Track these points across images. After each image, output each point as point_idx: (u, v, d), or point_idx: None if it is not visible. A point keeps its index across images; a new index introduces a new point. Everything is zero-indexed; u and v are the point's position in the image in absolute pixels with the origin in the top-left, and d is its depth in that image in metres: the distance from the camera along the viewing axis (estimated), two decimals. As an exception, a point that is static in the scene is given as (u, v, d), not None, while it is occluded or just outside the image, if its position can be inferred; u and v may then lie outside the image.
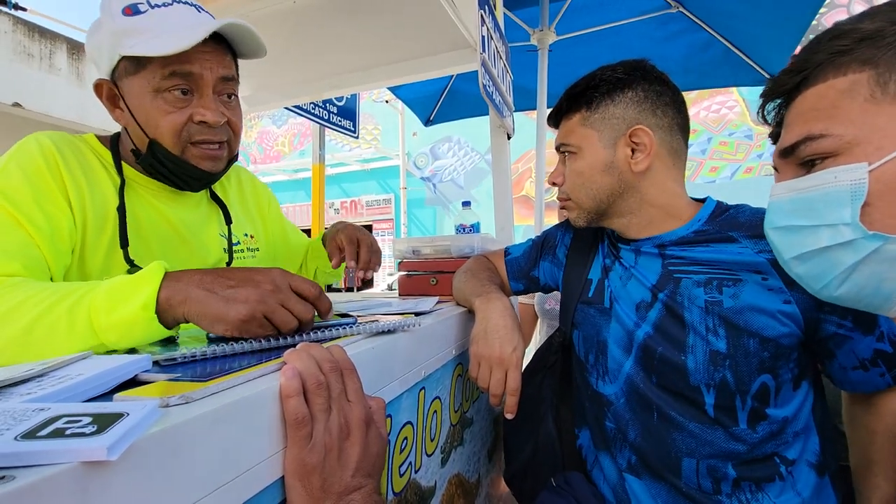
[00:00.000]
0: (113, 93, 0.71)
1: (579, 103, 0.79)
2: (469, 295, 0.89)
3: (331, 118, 2.42)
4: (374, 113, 8.36)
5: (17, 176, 0.62)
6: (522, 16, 2.52)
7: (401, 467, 0.64)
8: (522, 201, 7.10)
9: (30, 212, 0.60)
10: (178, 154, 0.70)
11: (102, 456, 0.25)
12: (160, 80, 0.67)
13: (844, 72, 0.44)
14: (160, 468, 0.29)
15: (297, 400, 0.40)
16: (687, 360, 0.71)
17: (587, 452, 0.86)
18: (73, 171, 0.67)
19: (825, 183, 0.44)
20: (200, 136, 0.70)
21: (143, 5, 0.67)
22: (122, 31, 0.66)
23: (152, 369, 0.43)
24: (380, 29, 1.51)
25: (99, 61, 0.71)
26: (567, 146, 0.81)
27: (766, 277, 0.68)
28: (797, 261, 0.47)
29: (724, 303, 0.70)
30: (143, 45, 0.65)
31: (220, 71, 0.71)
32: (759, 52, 2.59)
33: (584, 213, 0.82)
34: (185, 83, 0.68)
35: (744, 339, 0.68)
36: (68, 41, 4.13)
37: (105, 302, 0.49)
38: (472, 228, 1.36)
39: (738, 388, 0.69)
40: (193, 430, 0.32)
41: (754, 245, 0.70)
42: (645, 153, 0.75)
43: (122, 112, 0.71)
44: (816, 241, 0.45)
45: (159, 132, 0.69)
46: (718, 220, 0.75)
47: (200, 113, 0.69)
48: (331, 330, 0.58)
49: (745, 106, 6.03)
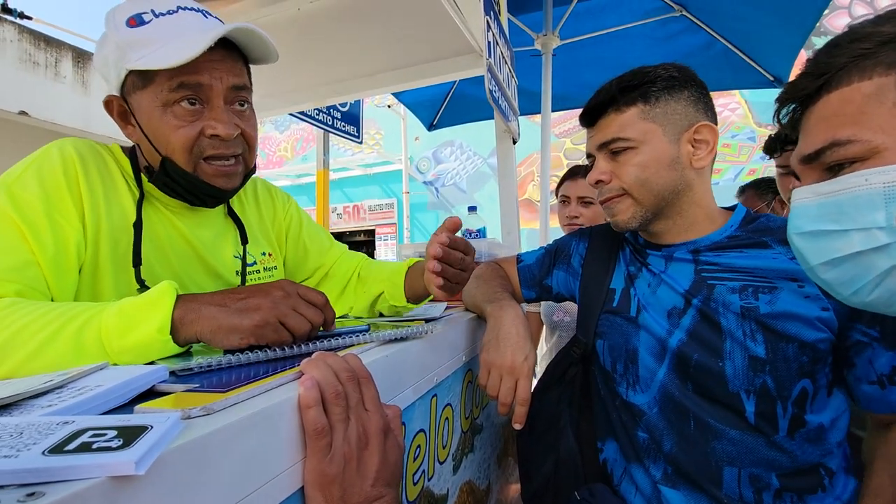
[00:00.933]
0: (123, 109, 0.68)
1: (634, 98, 0.76)
2: (481, 301, 0.89)
3: (335, 124, 2.43)
4: (376, 118, 8.38)
5: (33, 186, 0.60)
6: (526, 21, 2.53)
7: (414, 475, 0.64)
8: (525, 205, 7.10)
9: (38, 226, 0.59)
10: (190, 171, 0.67)
11: (131, 470, 0.24)
12: (168, 93, 0.64)
13: (870, 75, 0.43)
14: (184, 481, 0.29)
15: (317, 410, 0.40)
16: (725, 366, 0.70)
17: (614, 465, 0.83)
18: (92, 183, 0.65)
19: (855, 186, 0.43)
20: (213, 150, 0.67)
21: (147, 15, 0.64)
22: (127, 43, 0.63)
23: (169, 379, 0.43)
24: (385, 35, 1.51)
25: (107, 76, 0.68)
26: (625, 140, 0.76)
27: (802, 285, 0.68)
28: (826, 266, 0.46)
29: (761, 308, 0.69)
30: (148, 58, 0.62)
31: (231, 79, 0.67)
32: (762, 54, 2.59)
33: (641, 212, 0.77)
34: (194, 94, 0.65)
35: (782, 345, 0.67)
36: (73, 49, 4.17)
37: (117, 325, 0.49)
38: (479, 233, 1.36)
39: (780, 393, 0.68)
40: (215, 442, 0.32)
41: (787, 251, 0.70)
42: (707, 150, 0.76)
43: (133, 128, 0.69)
44: (847, 245, 0.43)
45: (170, 148, 0.66)
46: (750, 227, 0.76)
47: (212, 126, 0.66)
48: (344, 338, 0.58)
49: (747, 108, 6.03)
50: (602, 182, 0.79)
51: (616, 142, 0.77)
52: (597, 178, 0.79)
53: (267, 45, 0.71)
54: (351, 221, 8.77)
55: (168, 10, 0.65)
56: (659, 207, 0.77)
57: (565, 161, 7.16)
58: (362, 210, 8.70)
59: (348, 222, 8.77)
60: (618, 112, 0.77)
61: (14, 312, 0.50)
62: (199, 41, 0.61)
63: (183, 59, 0.60)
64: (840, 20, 5.61)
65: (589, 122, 0.82)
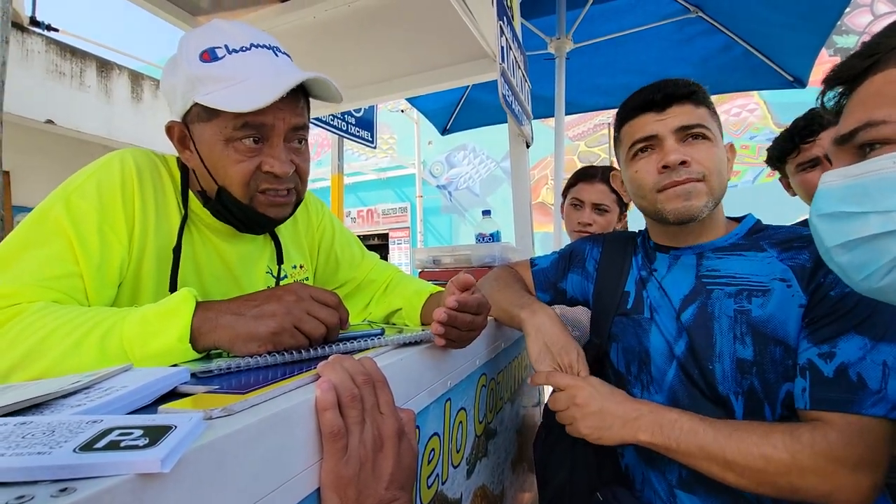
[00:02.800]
0: (184, 135, 0.70)
1: (704, 100, 0.80)
2: (509, 306, 0.89)
3: (349, 129, 2.46)
4: (389, 122, 8.45)
5: (92, 198, 0.62)
6: (539, 25, 2.53)
7: (428, 479, 0.64)
8: (539, 208, 7.07)
9: (88, 239, 0.60)
10: (245, 202, 0.69)
11: (157, 468, 0.25)
12: (232, 131, 0.65)
13: None
14: (206, 480, 0.30)
15: (333, 413, 0.40)
16: (715, 368, 0.72)
17: (634, 471, 0.83)
18: (146, 200, 0.67)
19: (882, 168, 0.41)
20: (268, 185, 0.69)
21: (220, 50, 0.65)
22: (198, 77, 0.64)
23: (190, 381, 0.44)
24: (398, 41, 1.53)
25: (172, 102, 0.70)
26: (709, 130, 0.78)
27: (790, 284, 0.70)
28: (841, 249, 0.45)
29: (753, 311, 0.71)
30: (218, 96, 0.63)
31: (293, 120, 0.69)
32: (781, 54, 2.55)
33: (711, 201, 0.77)
34: (258, 133, 0.66)
35: (770, 347, 0.69)
36: (97, 60, 4.30)
37: (139, 334, 0.51)
38: (492, 237, 1.36)
39: (766, 395, 0.69)
40: (235, 442, 0.33)
41: (779, 252, 0.73)
42: (729, 166, 0.82)
43: (191, 154, 0.70)
44: (865, 228, 0.42)
45: (228, 180, 0.68)
46: (754, 237, 0.78)
47: (269, 164, 0.67)
48: (359, 341, 0.59)
49: (766, 109, 5.92)
50: (685, 164, 0.75)
51: (701, 127, 0.77)
52: (681, 159, 0.75)
53: (333, 91, 0.72)
54: (365, 225, 8.84)
55: (241, 48, 0.66)
56: (717, 202, 0.79)
57: (579, 164, 7.12)
58: (376, 214, 8.77)
59: (362, 226, 8.84)
60: (695, 105, 0.78)
61: (44, 317, 0.53)
62: (270, 89, 0.62)
63: (253, 107, 0.62)
64: (862, 18, 5.49)
65: (662, 105, 0.78)
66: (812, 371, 0.64)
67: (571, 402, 0.73)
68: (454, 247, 1.25)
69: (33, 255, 0.58)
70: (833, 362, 0.62)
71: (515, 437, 1.12)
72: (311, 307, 0.56)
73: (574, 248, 1.02)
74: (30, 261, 0.57)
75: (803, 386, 0.64)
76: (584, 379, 0.75)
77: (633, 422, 0.69)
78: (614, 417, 0.70)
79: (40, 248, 0.58)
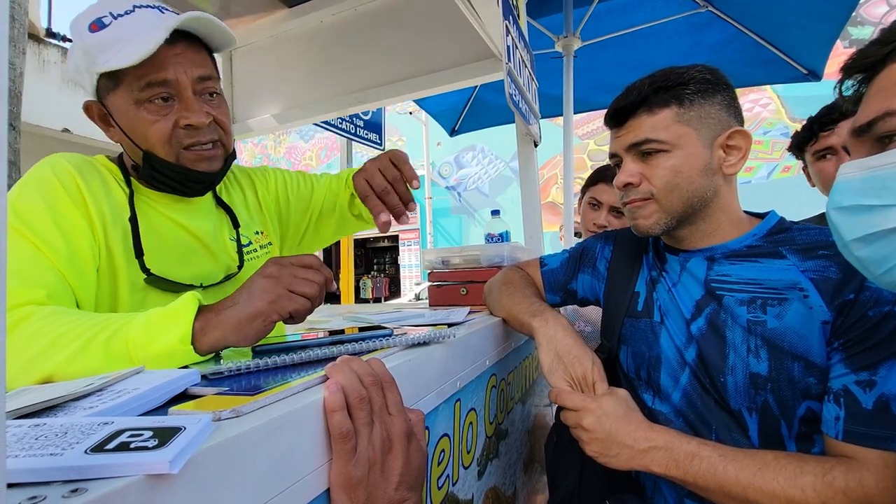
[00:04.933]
0: (102, 112, 0.71)
1: (668, 100, 0.73)
2: (520, 314, 0.86)
3: (357, 132, 2.47)
4: (398, 124, 8.48)
5: (35, 199, 0.63)
6: (546, 23, 2.52)
7: (439, 480, 0.64)
8: (548, 207, 7.05)
9: (48, 235, 0.61)
10: (173, 161, 0.70)
11: (165, 469, 0.26)
12: (138, 92, 0.67)
13: None
14: (215, 480, 0.30)
15: (342, 414, 0.41)
16: (727, 381, 0.68)
17: (646, 478, 0.81)
18: (91, 187, 0.68)
19: None
20: (190, 139, 0.70)
21: (106, 18, 0.66)
22: (93, 46, 0.66)
23: (201, 383, 0.44)
24: (405, 43, 1.54)
25: (83, 83, 0.71)
26: (658, 142, 0.73)
27: (807, 295, 0.65)
28: (860, 242, 0.44)
29: (768, 323, 0.66)
30: (112, 59, 0.64)
31: (196, 71, 0.70)
32: (794, 47, 2.50)
33: (666, 218, 0.75)
34: (164, 90, 0.68)
35: (787, 363, 0.64)
36: (111, 68, 4.39)
37: (143, 336, 0.51)
38: (501, 237, 1.35)
39: (783, 412, 0.65)
40: (244, 444, 0.33)
41: (800, 261, 0.67)
42: (739, 156, 0.74)
43: (114, 130, 0.72)
44: (886, 221, 0.41)
45: (150, 143, 0.69)
46: (775, 238, 0.73)
47: (185, 116, 0.69)
48: (368, 342, 0.59)
49: (779, 103, 5.83)
50: (631, 185, 0.76)
51: (648, 143, 0.74)
52: (626, 181, 0.76)
53: (224, 31, 0.73)
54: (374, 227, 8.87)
55: (125, 11, 0.67)
56: (685, 215, 0.74)
57: (589, 163, 7.07)
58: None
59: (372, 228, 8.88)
60: (650, 113, 0.74)
61: (54, 321, 0.54)
62: (155, 36, 0.64)
63: (142, 55, 0.63)
64: (878, 9, 5.37)
65: (617, 122, 0.78)
66: (848, 399, 0.59)
67: (578, 425, 0.70)
68: (463, 247, 1.24)
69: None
70: (872, 392, 0.58)
71: (527, 437, 1.12)
72: (296, 271, 0.57)
73: (585, 246, 1.00)
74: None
75: (837, 414, 0.60)
76: (597, 399, 0.70)
77: (643, 454, 0.66)
78: (622, 447, 0.66)
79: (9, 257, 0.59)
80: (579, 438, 0.71)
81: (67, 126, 3.92)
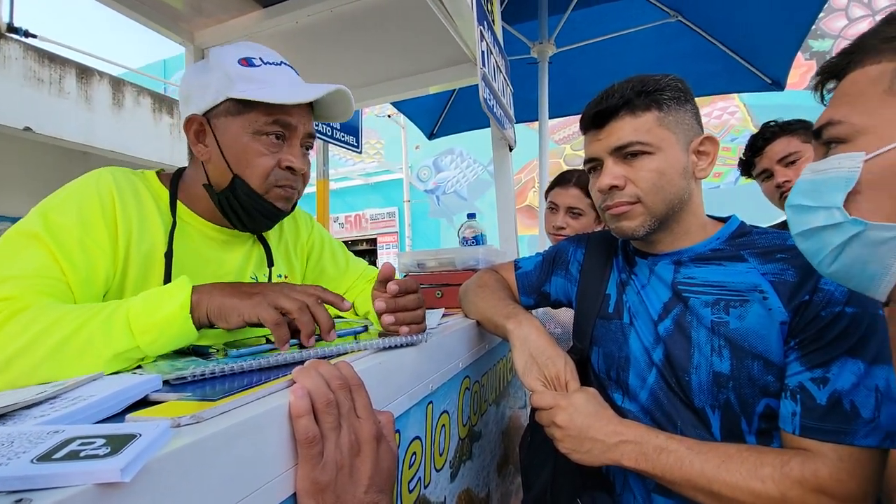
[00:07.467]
0: (203, 129, 0.76)
1: (650, 104, 0.74)
2: (494, 316, 0.87)
3: (334, 134, 2.45)
4: (376, 127, 8.44)
5: (72, 213, 0.65)
6: (522, 29, 2.56)
7: (410, 483, 0.64)
8: (526, 211, 7.12)
9: (70, 250, 0.63)
10: (261, 193, 0.75)
11: (116, 477, 0.25)
12: (263, 125, 0.73)
13: (879, 59, 0.43)
14: (173, 488, 0.30)
15: (308, 419, 0.40)
16: (691, 379, 0.71)
17: (616, 475, 0.83)
18: (127, 212, 0.70)
19: (831, 167, 0.45)
20: (285, 180, 0.76)
21: (256, 60, 0.75)
22: (238, 76, 0.72)
23: (163, 389, 0.43)
24: (380, 46, 1.54)
25: (198, 99, 0.76)
26: (643, 144, 0.74)
27: (766, 297, 0.68)
28: (800, 237, 0.50)
29: (731, 324, 0.69)
30: (257, 93, 0.71)
31: (309, 127, 0.79)
32: (759, 57, 2.61)
33: (650, 220, 0.76)
34: (283, 131, 0.75)
35: (748, 362, 0.67)
36: (77, 66, 4.23)
37: (144, 307, 0.55)
38: (475, 240, 1.36)
39: (743, 409, 0.68)
40: (204, 450, 0.32)
41: (761, 266, 0.70)
42: (708, 161, 0.77)
43: (205, 148, 0.76)
44: (814, 220, 0.46)
45: (250, 171, 0.74)
46: (737, 241, 0.75)
47: (289, 160, 0.75)
48: (338, 346, 0.58)
49: (746, 111, 6.04)
50: (616, 188, 0.76)
51: (633, 145, 0.74)
52: (611, 184, 0.75)
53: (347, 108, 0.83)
54: (353, 230, 8.80)
55: (274, 62, 0.77)
56: (666, 216, 0.76)
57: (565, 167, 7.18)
58: (364, 219, 8.74)
59: (350, 231, 8.81)
60: (633, 116, 0.75)
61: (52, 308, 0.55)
62: (303, 92, 0.74)
63: (291, 100, 0.73)
64: (837, 22, 5.64)
65: (598, 124, 0.78)
66: (804, 396, 0.62)
67: (551, 422, 0.71)
68: (438, 250, 1.25)
69: (17, 264, 0.60)
70: (826, 388, 0.61)
71: (501, 439, 1.12)
72: (290, 291, 0.60)
73: (558, 249, 1.02)
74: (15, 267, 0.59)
75: (794, 410, 0.63)
76: (569, 397, 0.71)
77: (614, 448, 0.67)
78: (594, 442, 0.68)
79: (23, 260, 0.60)
80: (553, 437, 0.72)
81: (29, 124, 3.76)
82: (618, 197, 0.76)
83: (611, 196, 0.77)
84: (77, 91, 4.21)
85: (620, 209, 0.76)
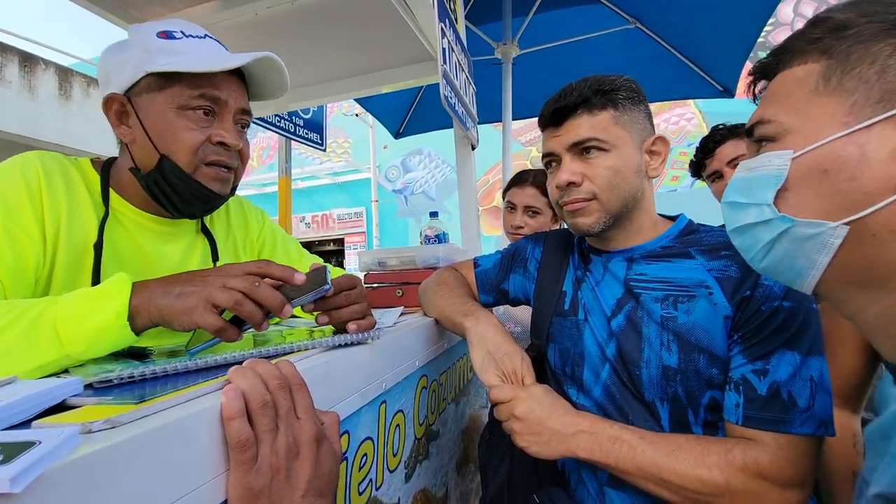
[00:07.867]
0: (124, 108, 0.71)
1: (606, 103, 0.76)
2: (452, 314, 0.87)
3: (297, 131, 2.39)
4: (344, 126, 8.33)
5: None
6: (486, 30, 2.58)
7: (360, 485, 0.63)
8: (493, 212, 7.18)
9: None
10: (189, 172, 0.70)
11: (5, 488, 0.23)
12: (188, 99, 0.68)
13: (805, 60, 0.45)
14: (80, 498, 0.27)
15: (240, 422, 0.38)
16: (642, 374, 0.73)
17: (570, 470, 0.84)
18: (55, 198, 0.65)
19: (761, 165, 0.46)
20: (216, 157, 0.71)
21: (177, 33, 0.71)
22: (157, 49, 0.68)
23: (83, 393, 0.40)
24: (343, 41, 1.51)
25: (116, 77, 0.71)
26: (600, 141, 0.75)
27: (711, 292, 0.70)
28: (734, 233, 0.51)
29: (679, 319, 0.71)
30: (178, 64, 0.67)
31: (242, 102, 0.74)
32: (711, 65, 2.72)
33: (605, 217, 0.77)
34: (211, 105, 0.70)
35: (694, 355, 0.69)
36: (20, 53, 3.97)
37: (74, 313, 0.50)
38: (437, 239, 1.36)
39: (689, 402, 0.70)
40: (120, 456, 0.30)
41: (706, 261, 0.73)
42: (660, 161, 0.79)
43: (128, 129, 0.71)
44: (746, 217, 0.48)
45: (176, 147, 0.68)
46: (685, 239, 0.78)
47: (220, 134, 0.70)
48: (283, 346, 0.56)
49: (701, 118, 6.31)
50: (573, 184, 0.77)
51: (590, 141, 0.76)
52: (568, 180, 0.77)
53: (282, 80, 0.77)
54: (320, 230, 8.64)
55: (197, 35, 0.73)
56: (620, 213, 0.78)
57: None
58: (331, 219, 8.60)
59: (317, 231, 8.64)
60: (591, 114, 0.76)
61: None
62: (229, 60, 0.70)
63: (214, 68, 0.67)
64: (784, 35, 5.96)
65: (556, 121, 0.80)
66: (746, 387, 0.65)
67: (511, 415, 0.71)
68: (399, 249, 1.23)
69: None
70: (766, 380, 0.63)
71: (460, 437, 1.12)
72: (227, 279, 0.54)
73: (517, 247, 1.03)
74: None
75: (736, 401, 0.65)
76: (526, 389, 0.72)
77: (571, 438, 0.69)
78: (552, 433, 0.69)
79: None
80: (511, 430, 0.72)
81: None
82: (574, 193, 0.78)
83: (568, 192, 0.79)
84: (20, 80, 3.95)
85: (577, 205, 0.78)
